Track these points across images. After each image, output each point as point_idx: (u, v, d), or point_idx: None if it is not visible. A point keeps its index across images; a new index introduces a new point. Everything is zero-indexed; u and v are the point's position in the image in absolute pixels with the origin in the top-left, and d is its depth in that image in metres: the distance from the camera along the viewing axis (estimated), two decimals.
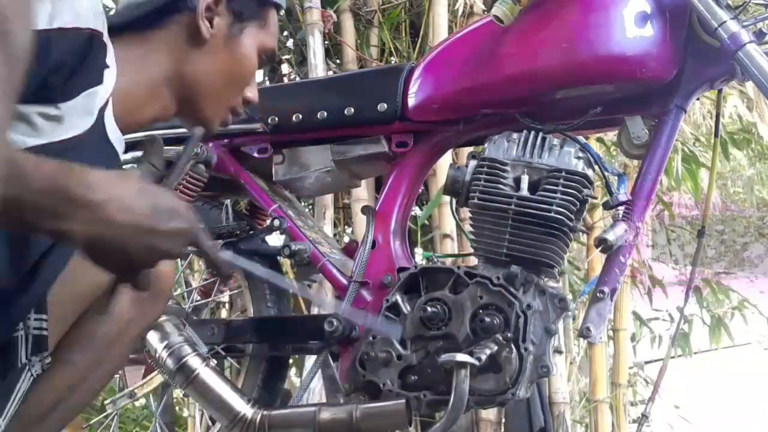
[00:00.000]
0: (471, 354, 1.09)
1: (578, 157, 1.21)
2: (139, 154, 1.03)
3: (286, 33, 2.57)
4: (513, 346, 1.16)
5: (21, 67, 0.62)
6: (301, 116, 1.44)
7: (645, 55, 1.19)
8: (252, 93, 1.10)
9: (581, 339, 1.55)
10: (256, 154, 1.48)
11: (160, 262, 0.82)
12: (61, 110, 0.79)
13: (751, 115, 2.57)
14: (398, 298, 1.27)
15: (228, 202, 1.51)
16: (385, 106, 1.38)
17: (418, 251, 1.50)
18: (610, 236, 1.17)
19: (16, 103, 0.63)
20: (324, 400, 1.36)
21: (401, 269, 1.32)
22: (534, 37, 1.25)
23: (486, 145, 1.26)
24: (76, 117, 0.82)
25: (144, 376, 1.61)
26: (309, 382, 1.33)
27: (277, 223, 1.41)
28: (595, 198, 1.30)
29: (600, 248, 1.19)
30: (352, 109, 1.40)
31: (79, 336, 0.99)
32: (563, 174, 1.19)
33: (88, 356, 1.00)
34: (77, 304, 0.99)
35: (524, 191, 1.19)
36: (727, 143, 2.78)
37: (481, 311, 1.20)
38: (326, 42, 2.25)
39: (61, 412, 1.01)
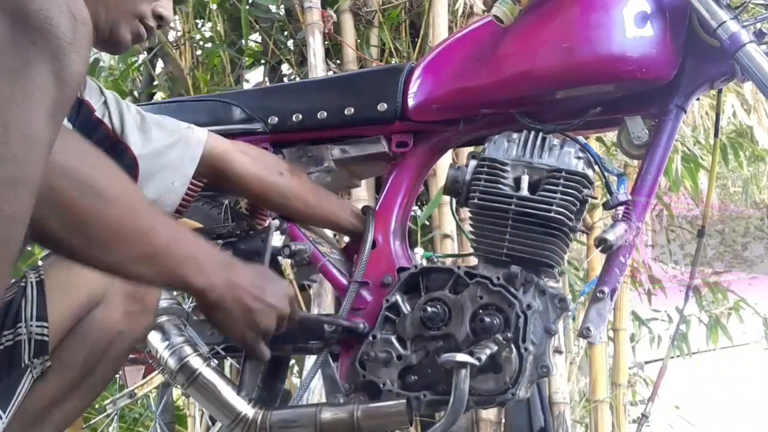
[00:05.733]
0: (471, 354, 1.09)
1: (578, 157, 1.21)
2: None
3: (286, 33, 2.57)
4: (513, 346, 1.16)
5: (72, 93, 0.63)
6: (301, 116, 1.44)
7: (645, 55, 1.19)
8: (164, 8, 1.03)
9: (581, 339, 1.54)
10: None
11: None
12: None
13: (749, 119, 2.57)
14: (398, 298, 1.27)
15: (228, 202, 1.50)
16: (385, 106, 1.38)
17: (419, 251, 1.50)
18: (610, 236, 1.17)
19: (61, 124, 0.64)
20: (324, 400, 1.36)
21: (401, 269, 1.32)
22: (534, 37, 1.25)
23: (486, 145, 1.26)
24: None
25: (144, 376, 1.61)
26: (309, 382, 1.32)
27: (277, 223, 1.41)
28: (595, 198, 1.29)
29: (600, 248, 1.19)
30: (352, 109, 1.40)
31: (74, 343, 1.01)
32: (563, 174, 1.19)
33: (81, 363, 1.01)
34: (74, 314, 1.01)
35: (524, 191, 1.20)
36: (727, 148, 2.78)
37: (481, 311, 1.20)
38: (326, 42, 2.25)
39: (56, 416, 1.02)
